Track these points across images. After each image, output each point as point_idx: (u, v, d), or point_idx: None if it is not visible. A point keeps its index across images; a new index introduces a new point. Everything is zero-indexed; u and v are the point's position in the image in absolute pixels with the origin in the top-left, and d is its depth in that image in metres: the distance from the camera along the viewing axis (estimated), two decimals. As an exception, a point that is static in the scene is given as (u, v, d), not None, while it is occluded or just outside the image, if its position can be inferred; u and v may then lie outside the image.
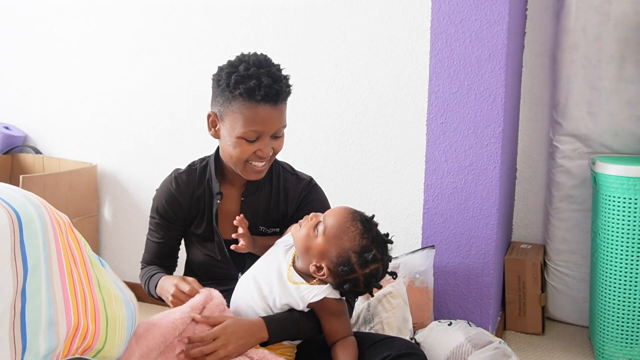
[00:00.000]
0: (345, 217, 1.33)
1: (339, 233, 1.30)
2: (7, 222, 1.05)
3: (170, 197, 1.51)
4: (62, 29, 2.69)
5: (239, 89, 1.34)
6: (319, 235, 1.31)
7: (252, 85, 1.33)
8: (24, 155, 2.76)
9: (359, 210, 1.36)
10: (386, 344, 1.36)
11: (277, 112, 1.38)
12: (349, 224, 1.31)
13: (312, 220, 1.34)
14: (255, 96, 1.33)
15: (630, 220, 1.95)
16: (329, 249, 1.30)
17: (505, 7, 1.90)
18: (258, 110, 1.35)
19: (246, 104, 1.35)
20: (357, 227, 1.32)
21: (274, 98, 1.35)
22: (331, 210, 1.37)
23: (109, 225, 2.71)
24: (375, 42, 2.15)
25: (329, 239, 1.30)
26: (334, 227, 1.31)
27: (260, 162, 1.42)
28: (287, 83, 1.41)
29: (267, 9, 2.28)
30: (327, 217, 1.33)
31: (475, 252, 2.05)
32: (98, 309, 1.19)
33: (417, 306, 2.01)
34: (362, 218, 1.34)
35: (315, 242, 1.31)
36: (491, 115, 1.96)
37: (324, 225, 1.31)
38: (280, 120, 1.41)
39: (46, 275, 1.09)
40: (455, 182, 2.04)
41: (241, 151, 1.39)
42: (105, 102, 2.64)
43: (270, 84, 1.34)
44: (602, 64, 2.20)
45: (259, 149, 1.39)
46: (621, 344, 2.00)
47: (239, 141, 1.38)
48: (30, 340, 1.03)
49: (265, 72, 1.36)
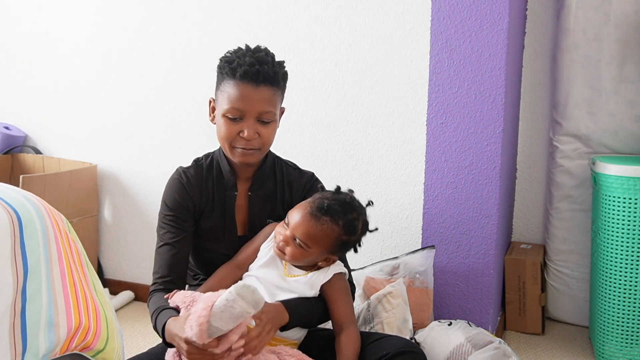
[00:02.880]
0: (311, 223, 1.37)
1: (318, 237, 1.37)
2: (7, 222, 1.05)
3: (181, 189, 1.50)
4: (62, 29, 2.68)
5: (225, 69, 1.43)
6: (306, 246, 1.37)
7: (235, 64, 1.41)
8: (24, 155, 2.76)
9: (314, 202, 1.40)
10: (385, 342, 1.37)
11: (258, 92, 1.41)
12: (318, 226, 1.37)
13: (283, 239, 1.38)
14: (236, 74, 1.40)
15: (630, 220, 1.95)
16: (323, 248, 1.39)
17: (505, 7, 1.90)
18: (238, 88, 1.40)
19: (229, 82, 1.42)
20: (327, 222, 1.38)
21: (253, 77, 1.39)
22: (294, 221, 1.38)
23: (109, 225, 2.71)
24: (375, 42, 2.15)
25: (316, 244, 1.37)
26: (311, 237, 1.37)
27: (246, 145, 1.43)
28: (274, 68, 1.43)
29: (267, 9, 2.28)
30: (296, 231, 1.37)
31: (475, 252, 2.05)
32: (99, 309, 1.19)
33: (417, 306, 2.01)
34: (323, 210, 1.38)
35: (308, 252, 1.38)
36: (491, 115, 1.96)
37: (301, 240, 1.37)
38: (262, 103, 1.42)
39: (46, 275, 1.09)
40: (455, 182, 2.04)
41: (226, 130, 1.43)
42: (106, 102, 2.64)
43: (252, 63, 1.40)
44: (602, 64, 2.20)
45: (241, 130, 1.42)
46: (621, 344, 2.00)
47: (224, 120, 1.43)
48: (31, 340, 1.03)
49: (251, 55, 1.43)
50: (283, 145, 2.31)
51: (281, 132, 2.31)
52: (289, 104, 2.30)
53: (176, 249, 1.47)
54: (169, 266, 1.46)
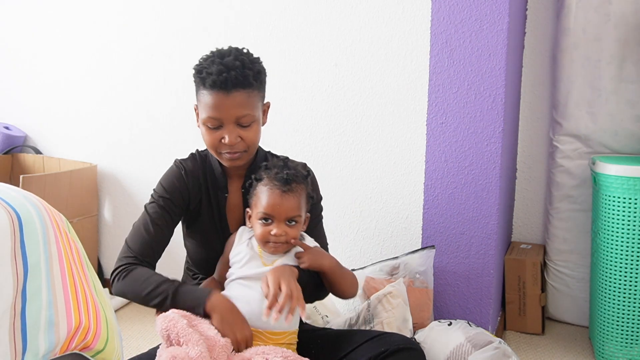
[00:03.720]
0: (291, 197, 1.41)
1: (300, 203, 1.43)
2: (7, 222, 1.05)
3: (180, 178, 1.52)
4: (62, 29, 2.68)
5: (197, 78, 1.44)
6: (298, 218, 1.42)
7: (204, 74, 1.41)
8: (24, 155, 2.76)
9: (275, 181, 1.43)
10: (383, 339, 1.37)
11: (230, 99, 1.40)
12: (296, 195, 1.42)
13: (277, 233, 1.40)
14: (207, 83, 1.40)
15: (630, 220, 1.95)
16: (304, 210, 1.45)
17: (505, 7, 1.90)
18: (211, 97, 1.41)
19: (203, 91, 1.43)
20: (297, 187, 1.43)
21: (222, 85, 1.39)
22: (276, 209, 1.41)
23: (109, 225, 2.71)
24: (375, 42, 2.15)
25: (301, 210, 1.43)
26: (297, 207, 1.42)
27: (230, 150, 1.44)
28: (243, 72, 1.41)
29: (266, 9, 2.28)
30: (285, 214, 1.41)
31: (475, 252, 2.05)
32: (99, 309, 1.19)
33: (417, 306, 2.01)
34: (289, 181, 1.41)
35: (299, 222, 1.44)
36: (491, 115, 1.96)
37: (292, 217, 1.41)
38: (237, 109, 1.41)
39: (46, 275, 1.09)
40: (455, 182, 2.04)
41: (208, 139, 1.46)
42: (106, 102, 2.64)
43: (220, 71, 1.39)
44: (602, 64, 2.20)
45: (222, 137, 1.43)
46: (621, 344, 2.00)
47: (205, 128, 1.45)
48: (31, 341, 1.03)
49: (220, 61, 1.41)
50: (283, 145, 2.31)
51: (281, 132, 2.33)
52: (289, 103, 2.31)
53: (160, 232, 1.47)
54: (148, 247, 1.46)
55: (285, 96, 2.30)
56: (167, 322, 1.26)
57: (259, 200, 1.42)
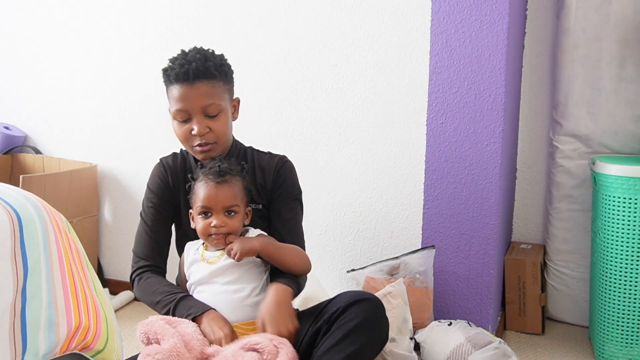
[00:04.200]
0: (225, 188, 1.45)
1: (237, 194, 1.46)
2: (7, 222, 1.05)
3: (162, 174, 1.60)
4: (62, 29, 2.68)
5: (163, 77, 1.52)
6: (237, 207, 1.46)
7: (168, 70, 1.49)
8: (24, 155, 2.76)
9: (209, 174, 1.46)
10: (335, 300, 1.39)
11: (194, 89, 1.46)
12: (231, 186, 1.46)
13: (217, 225, 1.44)
14: (170, 78, 1.48)
15: (630, 220, 1.95)
16: (244, 201, 1.49)
17: (505, 7, 1.90)
18: (176, 90, 1.48)
19: (169, 87, 1.51)
20: (232, 179, 1.46)
21: (185, 76, 1.45)
22: (211, 199, 1.44)
23: (109, 225, 2.71)
24: (375, 42, 2.15)
25: (239, 200, 1.47)
26: (234, 196, 1.45)
27: (201, 141, 1.49)
28: (206, 63, 1.47)
29: (266, 9, 2.28)
30: (221, 203, 1.44)
31: (475, 252, 2.05)
32: (99, 309, 1.19)
33: (417, 306, 2.01)
34: (222, 172, 1.46)
35: (240, 212, 1.47)
36: (491, 115, 1.96)
37: (230, 206, 1.45)
38: (202, 98, 1.47)
39: (47, 275, 1.09)
40: (455, 182, 2.04)
41: (179, 132, 1.51)
42: (106, 102, 2.64)
43: (181, 64, 1.46)
44: (602, 64, 2.20)
45: (192, 129, 1.48)
46: (621, 344, 2.00)
47: (176, 123, 1.52)
48: (31, 341, 1.03)
49: (183, 57, 1.49)
50: (284, 145, 2.32)
51: (281, 132, 2.33)
52: (290, 103, 2.31)
53: (155, 230, 1.57)
54: (149, 247, 1.56)
55: (285, 96, 2.30)
56: (145, 326, 1.29)
57: (197, 195, 1.46)
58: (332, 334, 1.30)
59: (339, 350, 1.27)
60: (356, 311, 1.31)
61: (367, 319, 1.31)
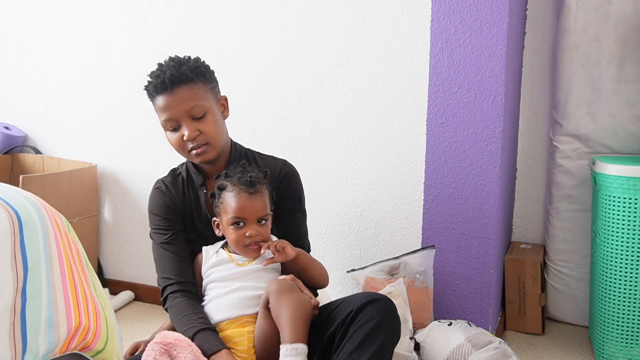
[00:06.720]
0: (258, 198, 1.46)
1: (266, 202, 1.48)
2: (7, 222, 1.05)
3: (163, 195, 1.59)
4: (62, 30, 2.68)
5: (147, 93, 1.53)
6: (268, 216, 1.48)
7: (147, 84, 1.51)
8: (24, 155, 2.76)
9: (239, 184, 1.47)
10: (348, 301, 1.39)
11: (175, 96, 1.47)
12: (261, 195, 1.47)
13: (251, 235, 1.45)
14: (150, 91, 1.50)
15: (630, 220, 1.95)
16: (270, 208, 1.50)
17: (505, 7, 1.90)
18: (159, 102, 1.49)
19: (152, 100, 1.52)
20: (262, 188, 1.47)
21: (163, 86, 1.47)
22: (246, 210, 1.45)
23: (109, 225, 2.71)
24: (375, 42, 2.15)
25: (268, 208, 1.48)
26: (265, 205, 1.47)
27: (194, 144, 1.49)
28: (180, 69, 1.47)
29: (266, 9, 2.28)
30: (255, 214, 1.46)
31: (475, 252, 2.05)
32: (99, 309, 1.19)
33: (417, 306, 2.01)
34: (253, 183, 1.46)
35: (269, 219, 1.49)
36: (491, 115, 1.96)
37: (263, 216, 1.47)
38: (184, 103, 1.47)
39: (47, 275, 1.09)
40: (455, 182, 2.04)
41: (172, 141, 1.52)
42: (106, 102, 2.64)
43: (157, 75, 1.48)
44: (602, 64, 2.20)
45: (183, 135, 1.49)
46: (621, 344, 2.00)
47: (167, 133, 1.52)
48: (31, 341, 1.03)
49: (159, 68, 1.50)
50: (284, 145, 2.32)
51: (281, 133, 2.33)
52: (289, 104, 2.31)
53: (173, 246, 1.54)
54: (171, 266, 1.52)
55: (285, 96, 2.30)
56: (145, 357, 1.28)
57: (228, 206, 1.45)
58: (352, 337, 1.30)
59: (363, 351, 1.27)
60: (371, 312, 1.31)
61: (384, 319, 1.31)
